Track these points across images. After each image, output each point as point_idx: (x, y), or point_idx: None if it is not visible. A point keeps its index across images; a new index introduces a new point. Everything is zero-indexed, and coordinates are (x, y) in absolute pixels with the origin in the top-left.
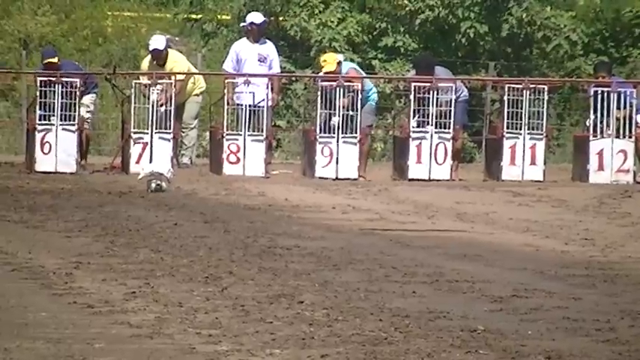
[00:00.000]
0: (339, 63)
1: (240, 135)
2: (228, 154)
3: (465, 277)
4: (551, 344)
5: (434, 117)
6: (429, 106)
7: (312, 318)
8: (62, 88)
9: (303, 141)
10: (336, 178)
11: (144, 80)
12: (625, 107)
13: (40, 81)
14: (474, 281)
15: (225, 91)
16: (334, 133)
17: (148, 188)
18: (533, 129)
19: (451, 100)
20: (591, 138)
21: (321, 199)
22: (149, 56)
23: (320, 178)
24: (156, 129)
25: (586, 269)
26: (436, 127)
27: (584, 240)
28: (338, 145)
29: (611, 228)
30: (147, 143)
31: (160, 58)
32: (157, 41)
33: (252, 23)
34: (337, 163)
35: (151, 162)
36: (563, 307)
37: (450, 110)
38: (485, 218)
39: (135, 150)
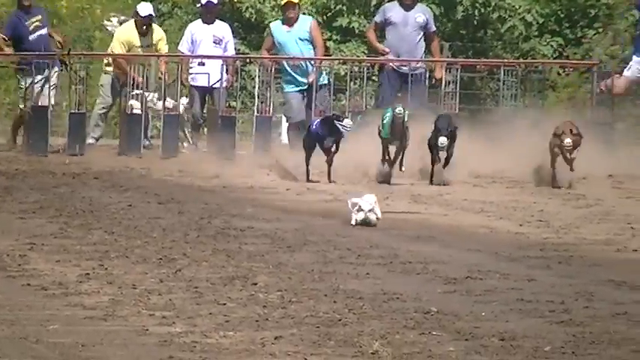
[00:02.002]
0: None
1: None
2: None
3: (419, 259)
4: (505, 326)
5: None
6: None
7: (266, 300)
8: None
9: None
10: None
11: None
12: None
13: None
14: (428, 263)
15: (179, 72)
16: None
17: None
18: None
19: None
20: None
21: (275, 181)
22: (128, 25)
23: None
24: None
25: (541, 251)
26: None
27: (538, 221)
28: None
29: (566, 210)
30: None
31: (149, 25)
32: (148, 7)
33: (209, 2)
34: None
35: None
36: (517, 289)
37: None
38: (440, 200)
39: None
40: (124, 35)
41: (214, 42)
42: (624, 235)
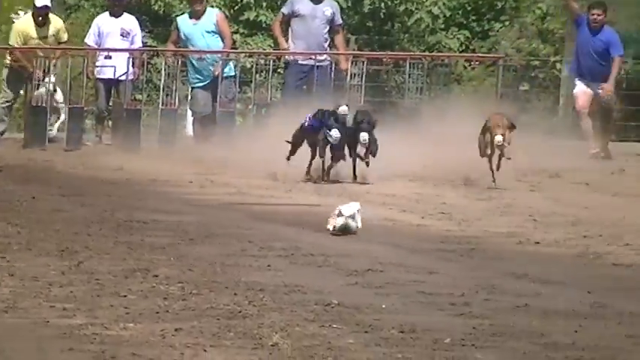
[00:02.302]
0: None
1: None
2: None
3: (320, 251)
4: (406, 318)
5: None
6: None
7: (167, 292)
8: None
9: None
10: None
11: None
12: None
13: None
14: (330, 255)
15: (85, 65)
16: None
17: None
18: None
19: None
20: None
21: (179, 173)
22: (25, 17)
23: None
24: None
25: (442, 243)
26: None
27: (440, 214)
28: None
29: (468, 202)
30: None
31: (46, 16)
32: None
33: None
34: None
35: None
36: (418, 281)
37: None
38: (343, 193)
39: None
40: (20, 27)
41: (122, 35)
42: (526, 228)
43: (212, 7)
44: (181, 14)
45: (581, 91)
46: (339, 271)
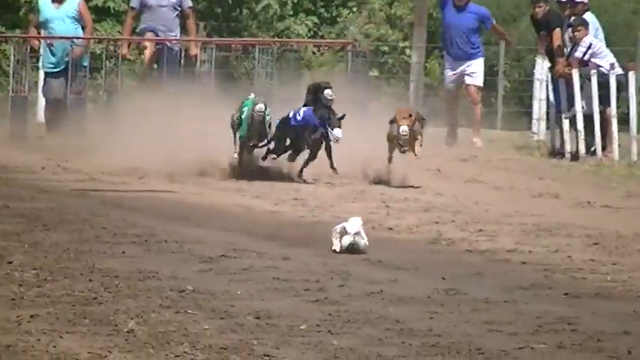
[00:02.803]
0: None
1: None
2: None
3: (175, 238)
4: (261, 304)
5: None
6: None
7: (22, 278)
8: None
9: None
10: None
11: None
12: None
13: None
14: (184, 242)
15: None
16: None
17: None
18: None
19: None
20: None
21: (31, 160)
22: None
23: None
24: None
25: (296, 229)
26: None
27: (294, 200)
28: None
29: (321, 189)
30: None
31: None
32: None
33: None
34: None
35: None
36: (273, 268)
37: None
38: (196, 180)
39: None
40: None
41: None
42: (379, 214)
43: None
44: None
45: (451, 78)
46: (193, 258)
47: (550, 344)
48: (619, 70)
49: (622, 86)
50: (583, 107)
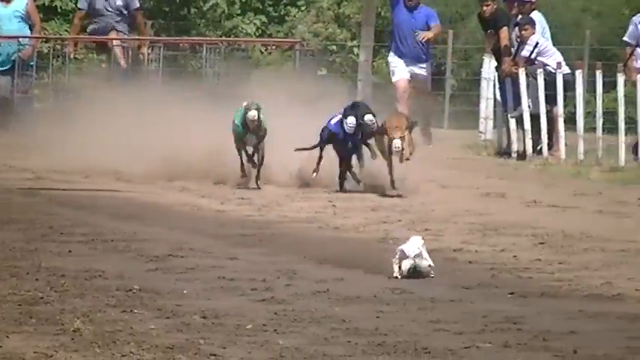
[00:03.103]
0: None
1: None
2: None
3: (122, 237)
4: (208, 303)
5: None
6: None
7: None
8: None
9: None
10: None
11: None
12: None
13: None
14: (131, 241)
15: None
16: None
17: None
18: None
19: None
20: None
21: None
22: None
23: None
24: None
25: (242, 228)
26: None
27: (240, 199)
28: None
29: (268, 188)
30: None
31: None
32: None
33: None
34: None
35: None
36: (219, 267)
37: None
38: (143, 179)
39: None
40: None
41: None
42: (326, 213)
43: None
44: None
45: (401, 76)
46: (140, 257)
47: (496, 343)
48: (566, 69)
49: (569, 85)
50: (529, 106)
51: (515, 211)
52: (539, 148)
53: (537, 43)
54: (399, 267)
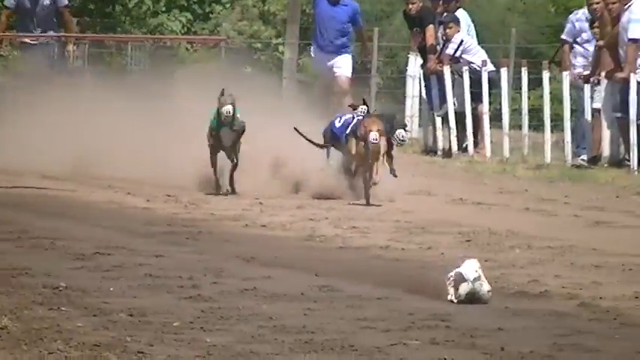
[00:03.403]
0: None
1: None
2: None
3: (48, 235)
4: (134, 301)
5: None
6: None
7: None
8: None
9: None
10: None
11: None
12: None
13: None
14: (57, 238)
15: None
16: None
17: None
18: None
19: None
20: None
21: None
22: None
23: None
24: None
25: (169, 226)
26: None
27: (167, 197)
28: None
29: (196, 185)
30: None
31: None
32: None
33: None
34: None
35: None
36: (145, 265)
37: None
38: (69, 176)
39: None
40: None
41: None
42: (253, 211)
43: None
44: None
45: (323, 71)
46: (66, 255)
47: (423, 340)
48: (491, 67)
49: (494, 83)
50: (455, 104)
51: (442, 209)
52: (464, 145)
53: (462, 41)
54: (456, 290)
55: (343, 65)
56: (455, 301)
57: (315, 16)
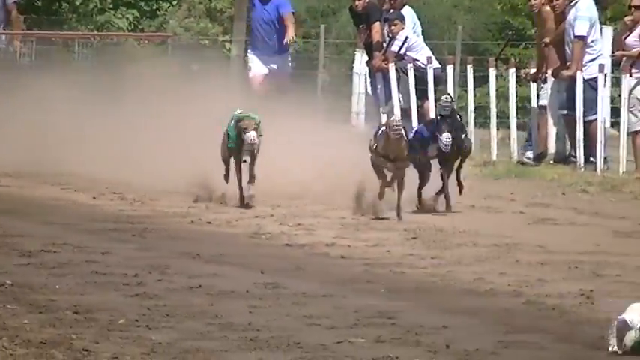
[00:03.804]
0: None
1: None
2: None
3: None
4: (81, 298)
5: None
6: None
7: None
8: None
9: None
10: None
11: None
12: None
13: None
14: (4, 235)
15: None
16: None
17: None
18: None
19: None
20: None
21: None
22: None
23: None
24: None
25: (115, 223)
26: None
27: (113, 194)
28: None
29: (142, 182)
30: None
31: None
32: None
33: None
34: None
35: None
36: (92, 261)
37: None
38: (17, 172)
39: None
40: None
41: None
42: (198, 208)
43: None
44: None
45: (257, 72)
46: (12, 252)
47: (369, 338)
48: (436, 64)
49: (440, 80)
50: (400, 101)
51: (388, 206)
52: None
53: (407, 39)
54: (620, 340)
55: (281, 64)
56: (619, 352)
57: (251, 20)
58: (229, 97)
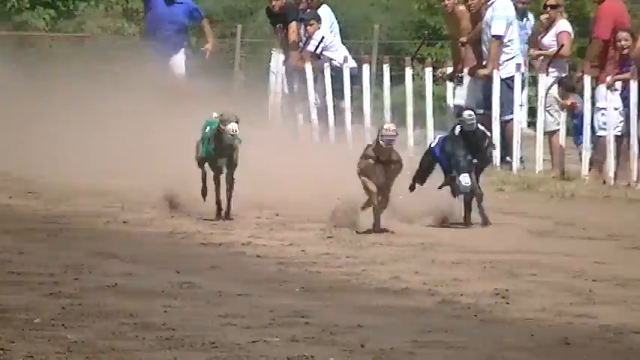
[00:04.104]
0: None
1: None
2: None
3: None
4: None
5: None
6: None
7: None
8: None
9: None
10: None
11: None
12: None
13: None
14: None
15: None
16: None
17: None
18: None
19: None
20: None
21: None
22: None
23: None
24: None
25: (30, 223)
26: None
27: (28, 194)
28: None
29: (57, 182)
30: None
31: None
32: None
33: None
34: None
35: None
36: (6, 261)
37: None
38: None
39: None
40: None
41: None
42: (114, 208)
43: None
44: None
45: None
46: None
47: (283, 337)
48: (352, 63)
49: (356, 79)
50: (317, 100)
51: (304, 205)
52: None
53: (323, 38)
54: None
55: (179, 63)
56: None
57: (148, 17)
58: (144, 96)
